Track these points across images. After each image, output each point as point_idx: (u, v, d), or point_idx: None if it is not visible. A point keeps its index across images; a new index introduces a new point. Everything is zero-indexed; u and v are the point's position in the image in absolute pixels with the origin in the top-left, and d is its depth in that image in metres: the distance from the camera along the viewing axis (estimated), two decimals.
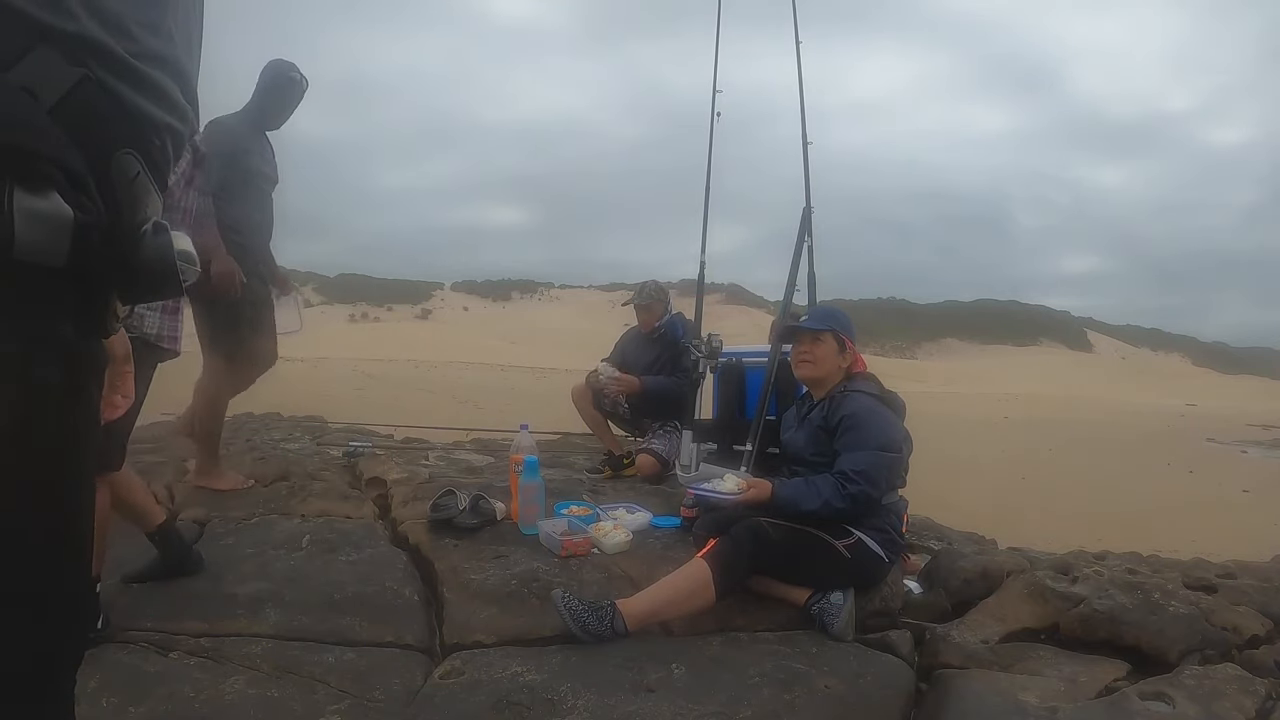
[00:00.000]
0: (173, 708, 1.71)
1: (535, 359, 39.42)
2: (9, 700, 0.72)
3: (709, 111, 3.94)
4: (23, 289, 0.67)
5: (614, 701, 1.82)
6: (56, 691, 0.79)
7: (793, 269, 3.53)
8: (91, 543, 0.86)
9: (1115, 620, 2.34)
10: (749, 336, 5.26)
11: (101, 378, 0.81)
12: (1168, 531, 6.29)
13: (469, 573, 2.45)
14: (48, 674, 0.76)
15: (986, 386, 38.46)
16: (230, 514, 3.02)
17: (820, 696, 1.92)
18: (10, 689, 0.72)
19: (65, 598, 0.78)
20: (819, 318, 2.71)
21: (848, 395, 2.53)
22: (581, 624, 2.09)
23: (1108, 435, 16.13)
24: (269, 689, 1.81)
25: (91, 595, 1.84)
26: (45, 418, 0.71)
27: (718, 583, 2.21)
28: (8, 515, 0.70)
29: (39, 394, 0.70)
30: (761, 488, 2.41)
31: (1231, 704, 1.91)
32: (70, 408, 0.73)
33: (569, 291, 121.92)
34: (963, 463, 9.84)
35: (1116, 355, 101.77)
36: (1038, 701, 1.95)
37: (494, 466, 4.10)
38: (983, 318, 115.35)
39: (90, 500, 0.82)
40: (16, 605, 0.72)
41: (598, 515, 2.99)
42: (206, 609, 2.16)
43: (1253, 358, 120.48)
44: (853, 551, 2.36)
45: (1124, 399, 32.94)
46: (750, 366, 3.74)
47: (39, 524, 0.73)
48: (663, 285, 4.27)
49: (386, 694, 1.85)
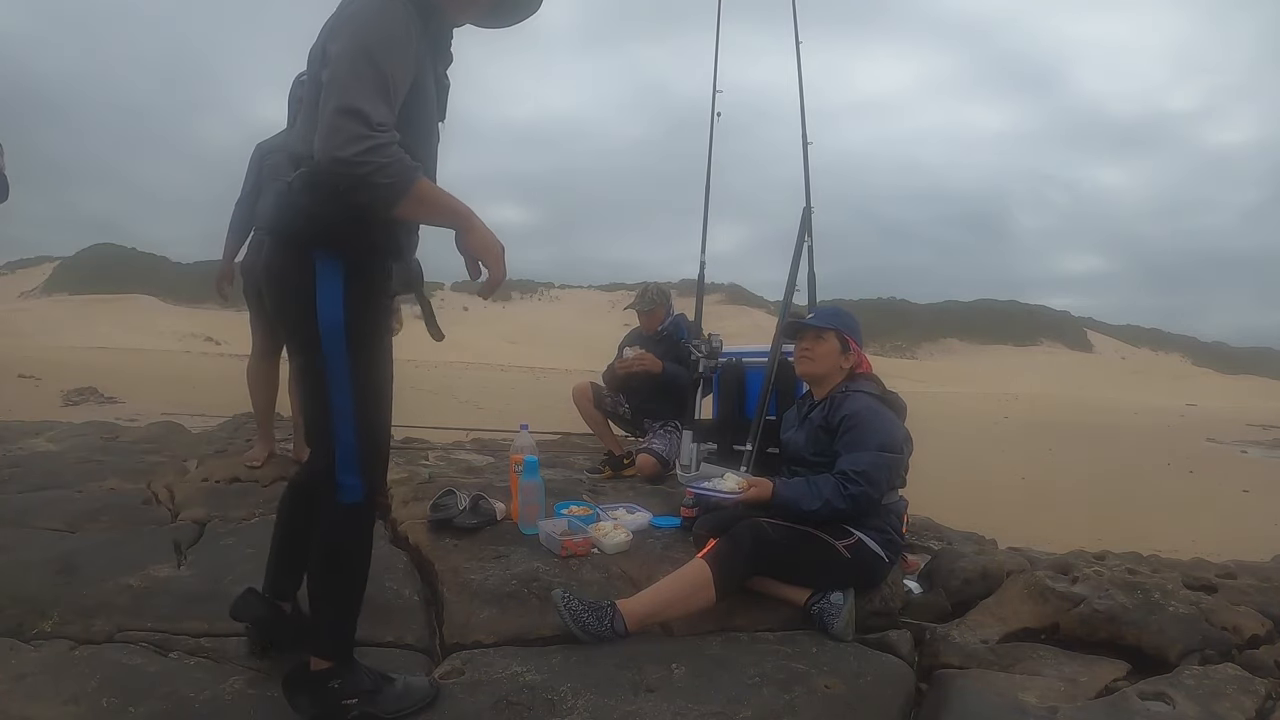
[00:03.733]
0: (173, 708, 1.71)
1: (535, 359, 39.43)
2: None
3: (709, 111, 3.95)
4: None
5: (614, 701, 1.82)
6: None
7: (793, 269, 3.53)
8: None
9: (1115, 620, 2.34)
10: (749, 336, 5.26)
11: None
12: (1168, 531, 6.30)
13: (469, 573, 2.45)
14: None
15: (986, 386, 38.47)
16: (230, 514, 3.02)
17: (820, 696, 1.92)
18: None
19: None
20: (825, 316, 2.71)
21: (848, 395, 2.53)
22: (581, 624, 2.09)
23: (1108, 435, 16.14)
24: (269, 689, 1.81)
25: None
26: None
27: (718, 583, 2.21)
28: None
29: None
30: (762, 487, 2.41)
31: (1231, 704, 1.91)
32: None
33: (569, 291, 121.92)
34: (963, 462, 9.85)
35: (1116, 355, 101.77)
36: (1038, 701, 1.95)
37: (494, 466, 4.10)
38: (983, 318, 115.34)
39: None
40: None
41: (598, 515, 2.98)
42: (206, 609, 2.16)
43: (1253, 358, 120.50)
44: (853, 551, 2.36)
45: (1124, 399, 32.95)
46: (750, 366, 3.74)
47: None
48: (664, 287, 4.26)
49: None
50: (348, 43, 1.49)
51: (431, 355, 28.47)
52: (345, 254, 1.56)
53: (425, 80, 1.60)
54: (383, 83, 1.47)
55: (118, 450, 4.17)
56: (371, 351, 1.62)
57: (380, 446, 1.67)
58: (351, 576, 1.69)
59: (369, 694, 1.66)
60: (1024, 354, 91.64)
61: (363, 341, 1.59)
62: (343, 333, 1.56)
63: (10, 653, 1.91)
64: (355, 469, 1.60)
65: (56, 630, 2.03)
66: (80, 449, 4.16)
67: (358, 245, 1.57)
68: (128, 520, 2.92)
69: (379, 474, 1.70)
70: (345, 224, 1.53)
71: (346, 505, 1.62)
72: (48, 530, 2.75)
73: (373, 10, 1.51)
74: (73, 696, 1.72)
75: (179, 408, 9.28)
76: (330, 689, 1.64)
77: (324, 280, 1.55)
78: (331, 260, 1.56)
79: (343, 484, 1.60)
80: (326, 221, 1.54)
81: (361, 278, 1.58)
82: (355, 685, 1.66)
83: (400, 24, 1.51)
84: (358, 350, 1.58)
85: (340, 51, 1.49)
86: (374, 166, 1.44)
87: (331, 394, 1.58)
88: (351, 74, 1.46)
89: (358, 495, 1.61)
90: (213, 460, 3.83)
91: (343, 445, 1.59)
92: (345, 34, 1.51)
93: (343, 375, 1.57)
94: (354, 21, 1.52)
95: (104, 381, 13.07)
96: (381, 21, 1.50)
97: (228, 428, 5.28)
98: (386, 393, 1.67)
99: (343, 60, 1.48)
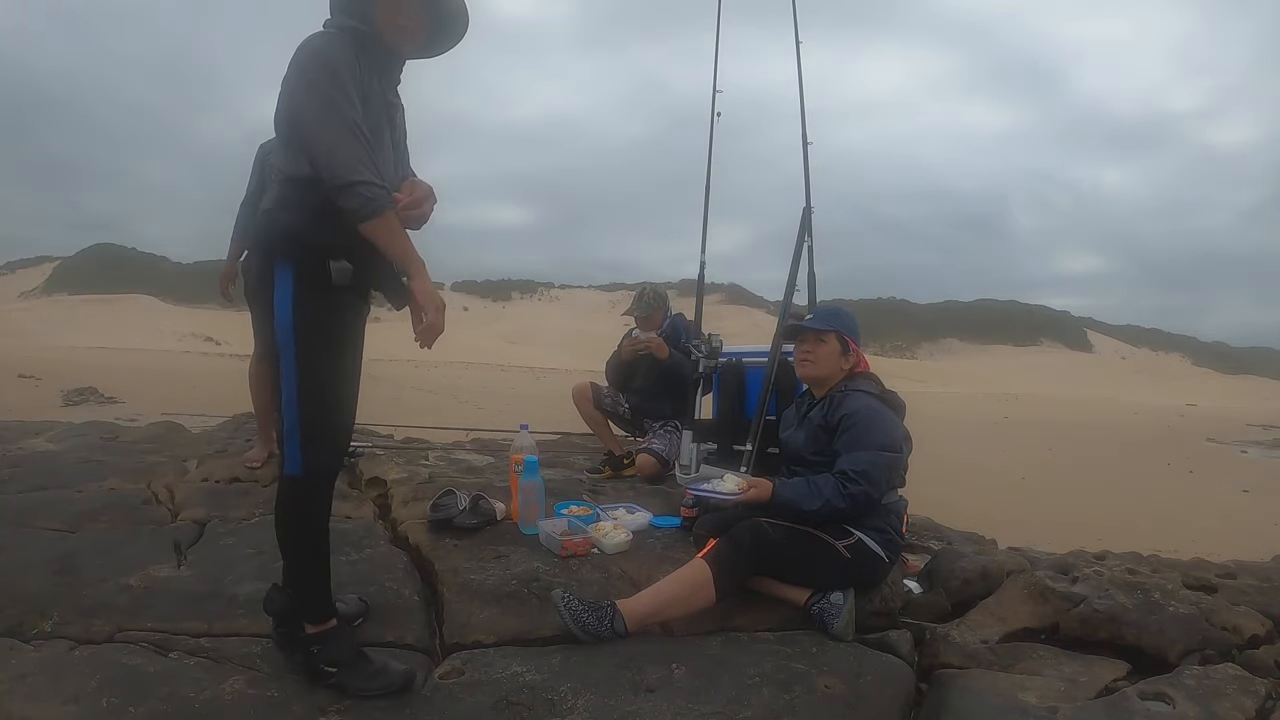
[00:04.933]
0: (173, 708, 1.71)
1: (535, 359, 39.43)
2: None
3: (709, 111, 3.95)
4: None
5: (614, 701, 1.82)
6: None
7: (793, 269, 3.53)
8: None
9: (1115, 620, 2.34)
10: (749, 336, 5.26)
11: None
12: (1168, 531, 6.30)
13: (469, 573, 2.45)
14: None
15: (986, 386, 38.48)
16: (230, 514, 3.02)
17: (820, 696, 1.92)
18: None
19: None
20: (824, 318, 2.69)
21: (848, 395, 2.53)
22: (581, 624, 2.09)
23: (1107, 435, 16.14)
24: (269, 689, 1.81)
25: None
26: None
27: (718, 583, 2.21)
28: None
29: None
30: (762, 488, 2.41)
31: (1231, 704, 1.91)
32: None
33: (569, 291, 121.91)
34: (963, 463, 9.85)
35: (1116, 355, 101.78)
36: (1038, 701, 1.95)
37: (494, 466, 4.09)
38: (983, 318, 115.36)
39: None
40: None
41: (598, 515, 2.98)
42: (206, 609, 2.16)
43: (1253, 358, 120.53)
44: (853, 551, 2.36)
45: (1124, 399, 32.95)
46: (750, 366, 3.74)
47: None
48: (660, 289, 4.24)
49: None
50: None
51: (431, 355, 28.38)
52: (295, 258, 1.74)
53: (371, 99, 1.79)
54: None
55: (118, 450, 4.17)
56: (320, 345, 1.78)
57: (320, 428, 1.80)
58: (300, 542, 1.87)
59: (345, 666, 1.82)
60: (1024, 354, 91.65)
61: (310, 337, 1.76)
62: (291, 329, 1.75)
63: (10, 653, 1.90)
64: (297, 445, 1.78)
65: (56, 630, 2.03)
66: (80, 449, 4.15)
67: (305, 249, 1.74)
68: (128, 520, 2.92)
69: (320, 456, 1.82)
70: (296, 232, 1.73)
71: (287, 476, 1.82)
72: (48, 530, 2.75)
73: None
74: (73, 696, 1.72)
75: (179, 408, 9.28)
76: (311, 652, 1.84)
77: (280, 283, 1.75)
78: (285, 265, 1.75)
79: (288, 456, 1.80)
80: (283, 231, 1.75)
81: (308, 279, 1.74)
82: (332, 654, 1.83)
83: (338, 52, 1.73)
84: (305, 344, 1.76)
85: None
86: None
87: (282, 382, 1.78)
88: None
89: (296, 468, 1.79)
90: (213, 460, 3.83)
91: (288, 425, 1.79)
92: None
93: (290, 367, 1.76)
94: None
95: (104, 381, 13.08)
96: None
97: (228, 428, 5.28)
98: (335, 382, 1.82)
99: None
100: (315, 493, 1.86)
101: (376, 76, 1.81)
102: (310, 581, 1.87)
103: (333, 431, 1.84)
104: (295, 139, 1.72)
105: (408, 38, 1.85)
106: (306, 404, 1.77)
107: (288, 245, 1.74)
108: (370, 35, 1.79)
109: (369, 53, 1.78)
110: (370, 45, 1.79)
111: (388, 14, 1.80)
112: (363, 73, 1.75)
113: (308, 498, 1.86)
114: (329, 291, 1.75)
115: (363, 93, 1.74)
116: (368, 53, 1.78)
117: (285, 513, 1.87)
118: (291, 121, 1.72)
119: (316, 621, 1.86)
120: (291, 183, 1.74)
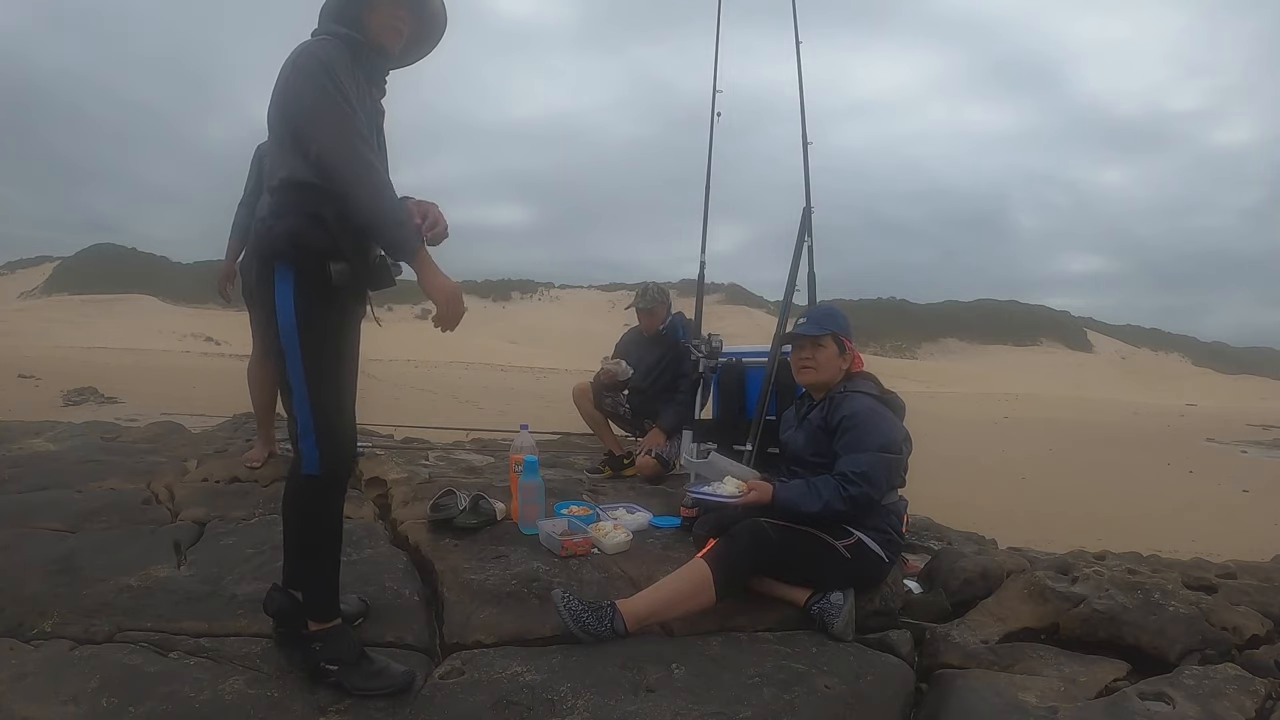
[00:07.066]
0: (173, 708, 1.71)
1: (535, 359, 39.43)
2: None
3: (709, 111, 3.95)
4: None
5: (614, 701, 1.82)
6: None
7: (793, 269, 3.53)
8: None
9: (1115, 620, 2.34)
10: (749, 336, 5.26)
11: None
12: (1168, 531, 6.30)
13: (469, 573, 2.45)
14: None
15: (986, 386, 38.47)
16: (230, 514, 3.02)
17: (820, 696, 1.92)
18: None
19: None
20: (818, 321, 2.66)
21: (847, 395, 2.53)
22: (581, 624, 2.09)
23: (1108, 435, 16.15)
24: (269, 689, 1.81)
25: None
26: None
27: (718, 583, 2.21)
28: None
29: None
30: (762, 490, 2.41)
31: (1231, 704, 1.91)
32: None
33: (569, 291, 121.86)
34: (963, 463, 9.85)
35: (1116, 355, 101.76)
36: (1038, 701, 1.95)
37: (494, 466, 4.09)
38: (983, 318, 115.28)
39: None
40: None
41: (598, 515, 2.98)
42: (206, 609, 2.16)
43: (1253, 358, 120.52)
44: (853, 552, 2.36)
45: (1124, 399, 32.95)
46: (750, 366, 3.75)
47: None
48: (664, 287, 4.25)
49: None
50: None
51: (432, 355, 28.49)
52: (295, 261, 1.77)
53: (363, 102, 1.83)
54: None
55: (118, 450, 4.17)
56: (325, 345, 1.82)
57: (334, 425, 1.83)
58: (314, 542, 1.88)
59: (346, 665, 1.82)
60: (1024, 354, 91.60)
61: (315, 337, 1.79)
62: (295, 331, 1.78)
63: (10, 653, 1.90)
64: (313, 443, 1.80)
65: (56, 630, 2.03)
66: (80, 449, 4.15)
67: (304, 252, 1.76)
68: (128, 520, 2.92)
69: (337, 453, 1.84)
70: (295, 236, 1.75)
71: (305, 475, 1.82)
72: (48, 530, 2.75)
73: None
74: (73, 696, 1.72)
75: (179, 408, 9.29)
76: (313, 650, 1.85)
77: (280, 287, 1.77)
78: (285, 268, 1.77)
79: (305, 456, 1.81)
80: (281, 236, 1.76)
81: (308, 281, 1.77)
82: (334, 653, 1.84)
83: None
84: (311, 345, 1.79)
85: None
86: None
87: (291, 384, 1.80)
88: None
89: (314, 467, 1.81)
90: (213, 460, 3.83)
91: (301, 426, 1.81)
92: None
93: (297, 368, 1.79)
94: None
95: (104, 381, 13.09)
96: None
97: (228, 428, 5.28)
98: (338, 379, 1.85)
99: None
100: (331, 491, 1.89)
101: (368, 82, 1.86)
102: (321, 581, 1.88)
103: (345, 428, 1.87)
104: (293, 140, 1.74)
105: (399, 38, 1.91)
106: (318, 403, 1.80)
107: (287, 249, 1.76)
108: (363, 43, 1.83)
109: (362, 59, 1.83)
110: (363, 52, 1.84)
111: (385, 15, 1.85)
112: (358, 77, 1.79)
113: (324, 496, 1.87)
114: (329, 293, 1.78)
115: (358, 97, 1.77)
116: (361, 59, 1.83)
117: (301, 512, 1.88)
118: (290, 122, 1.74)
119: (321, 620, 1.87)
120: (286, 188, 1.76)
